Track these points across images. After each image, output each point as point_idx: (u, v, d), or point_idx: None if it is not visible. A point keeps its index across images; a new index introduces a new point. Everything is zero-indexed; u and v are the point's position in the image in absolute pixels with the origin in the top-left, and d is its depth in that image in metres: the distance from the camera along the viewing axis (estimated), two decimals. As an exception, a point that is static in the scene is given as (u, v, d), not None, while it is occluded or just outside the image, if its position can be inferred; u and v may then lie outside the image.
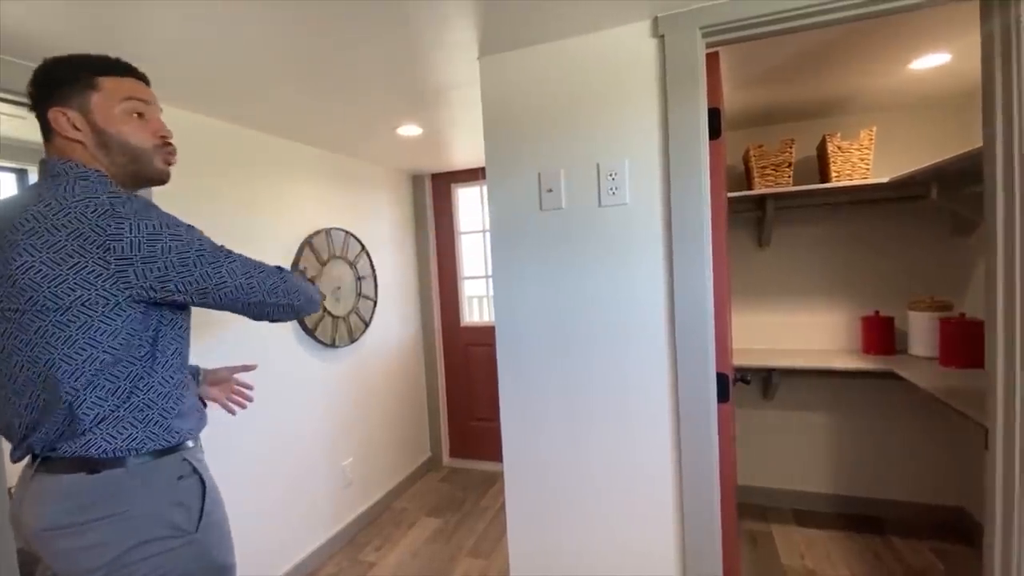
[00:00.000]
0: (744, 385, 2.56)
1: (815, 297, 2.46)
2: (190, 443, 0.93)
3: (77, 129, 0.85)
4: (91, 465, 0.81)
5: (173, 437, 0.89)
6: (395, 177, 3.10)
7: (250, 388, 1.25)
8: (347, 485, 2.53)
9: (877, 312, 2.33)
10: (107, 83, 0.87)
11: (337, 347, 2.47)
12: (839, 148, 2.08)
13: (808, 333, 2.49)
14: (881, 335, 2.28)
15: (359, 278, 2.64)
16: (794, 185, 2.22)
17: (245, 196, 2.02)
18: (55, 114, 0.85)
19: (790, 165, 2.16)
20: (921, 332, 2.19)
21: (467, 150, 2.66)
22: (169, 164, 0.94)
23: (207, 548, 0.90)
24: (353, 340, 2.57)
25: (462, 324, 3.34)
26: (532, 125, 1.39)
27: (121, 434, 0.83)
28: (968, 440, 2.24)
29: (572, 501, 1.42)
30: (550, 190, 1.38)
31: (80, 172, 0.84)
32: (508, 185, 1.43)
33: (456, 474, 3.24)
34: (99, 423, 0.81)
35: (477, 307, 3.40)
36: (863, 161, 2.07)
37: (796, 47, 1.59)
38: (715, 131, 1.31)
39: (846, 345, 2.44)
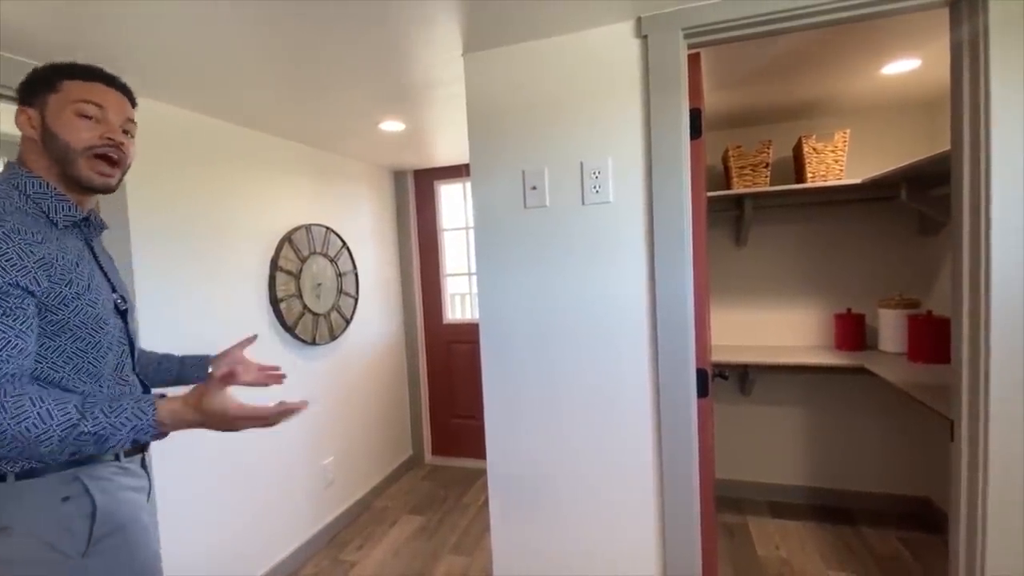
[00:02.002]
0: (722, 381, 2.61)
1: (790, 295, 2.53)
2: (93, 462, 0.88)
3: (32, 127, 0.88)
4: None
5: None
6: (377, 173, 3.07)
7: (276, 368, 1.22)
8: (328, 484, 2.51)
9: (849, 310, 2.40)
10: (68, 85, 0.89)
11: (317, 345, 2.44)
12: (814, 149, 2.14)
13: (783, 330, 2.55)
14: (853, 332, 2.36)
15: (340, 275, 2.60)
16: (771, 185, 2.27)
17: (224, 191, 1.98)
18: (18, 112, 0.89)
19: (767, 166, 2.21)
20: (890, 329, 2.27)
21: (450, 146, 2.65)
22: (102, 174, 0.90)
23: (102, 573, 0.87)
24: (334, 338, 2.54)
25: (444, 321, 3.33)
26: (516, 123, 1.39)
27: None
28: (934, 432, 2.33)
29: (555, 497, 1.44)
30: (534, 188, 1.39)
31: (6, 169, 0.89)
32: (492, 183, 1.43)
33: (438, 472, 3.24)
34: None
35: (459, 304, 3.39)
36: (837, 163, 2.12)
37: (774, 51, 1.63)
38: (696, 131, 1.33)
39: (819, 342, 2.51)
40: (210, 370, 1.19)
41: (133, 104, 0.97)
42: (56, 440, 0.75)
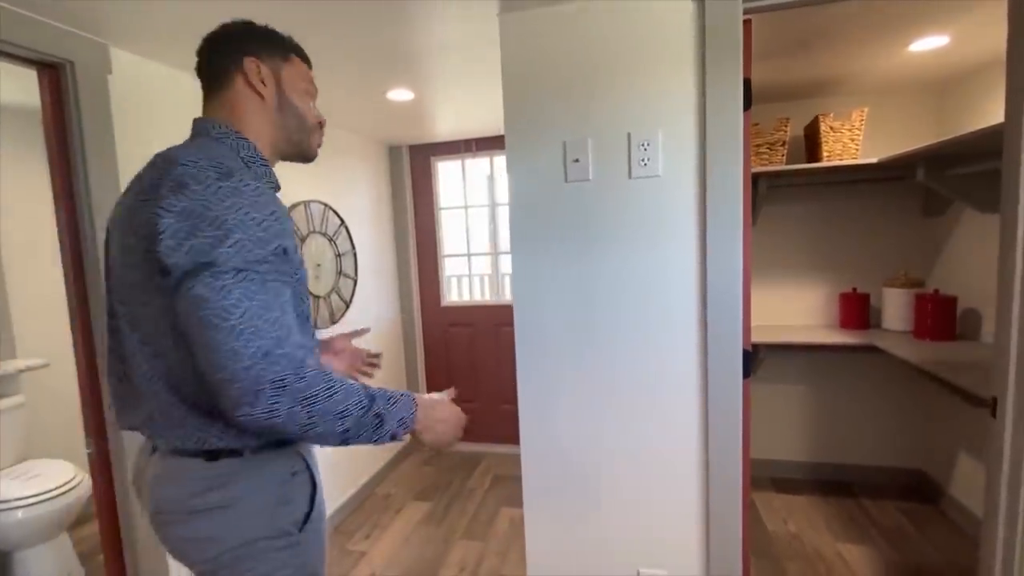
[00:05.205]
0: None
1: (796, 275, 2.54)
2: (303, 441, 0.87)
3: (264, 84, 0.86)
4: (210, 452, 0.77)
5: None
6: (372, 148, 2.92)
7: (378, 356, 1.23)
8: (327, 471, 2.41)
9: (854, 289, 2.44)
10: (297, 63, 0.92)
11: (318, 329, 2.32)
12: (831, 128, 2.12)
13: (788, 309, 2.58)
14: (858, 311, 2.39)
15: (339, 255, 2.47)
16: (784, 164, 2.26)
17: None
18: (252, 62, 0.85)
19: (784, 144, 2.19)
20: (895, 307, 2.31)
21: (456, 119, 2.53)
22: (319, 144, 0.96)
23: (307, 555, 0.85)
24: (335, 322, 2.42)
25: (442, 304, 3.24)
26: (557, 90, 1.31)
27: (226, 432, 0.77)
28: (928, 407, 2.40)
29: (594, 486, 1.39)
30: (576, 161, 1.31)
31: (206, 127, 0.85)
32: (530, 155, 1.35)
33: (438, 456, 3.18)
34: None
35: (456, 286, 3.29)
36: (853, 142, 2.12)
37: (801, 25, 1.59)
38: (747, 102, 1.27)
39: (823, 320, 2.54)
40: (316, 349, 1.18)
41: None
42: (352, 419, 0.73)
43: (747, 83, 1.27)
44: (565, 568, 1.44)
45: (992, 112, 1.97)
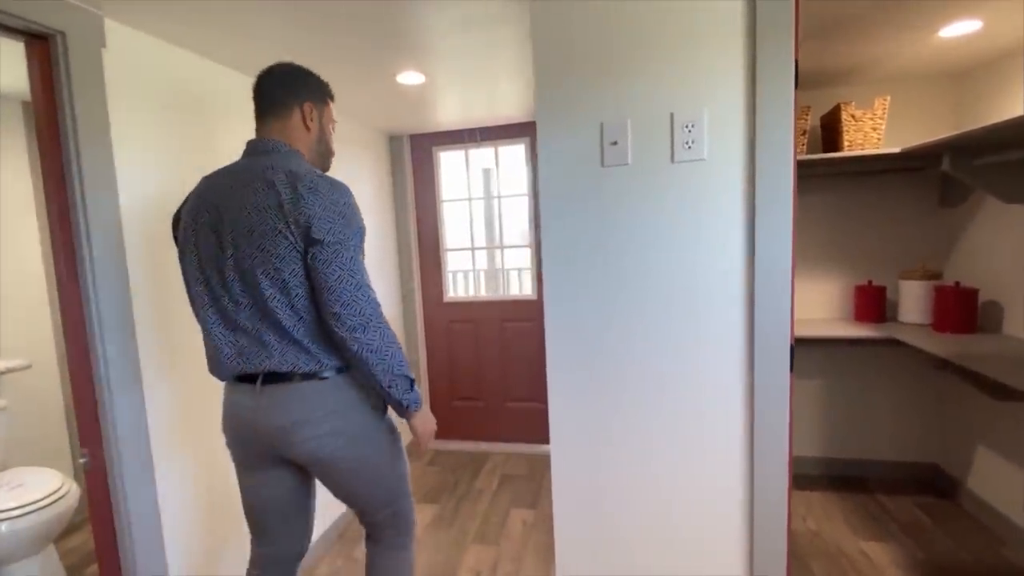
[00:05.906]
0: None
1: (810, 267, 2.50)
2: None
3: (312, 122, 1.19)
4: (320, 376, 1.11)
5: None
6: (372, 136, 2.80)
7: None
8: (335, 476, 2.31)
9: (870, 282, 2.40)
10: (331, 105, 1.26)
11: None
12: (853, 117, 2.07)
13: (803, 302, 2.53)
14: (874, 303, 2.35)
15: (342, 248, 2.36)
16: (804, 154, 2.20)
17: (216, 147, 1.70)
18: (309, 106, 1.18)
19: (804, 133, 2.14)
20: (913, 300, 2.28)
21: (461, 107, 2.43)
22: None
23: (392, 424, 1.25)
24: (338, 317, 2.31)
25: (445, 299, 3.14)
26: (594, 69, 1.22)
27: (333, 357, 1.11)
28: (942, 400, 2.39)
29: (629, 483, 1.32)
30: (615, 143, 1.23)
31: (277, 147, 1.15)
32: (564, 137, 1.26)
33: (442, 457, 3.09)
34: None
35: (453, 282, 3.19)
36: (876, 131, 2.07)
37: (832, 10, 1.53)
38: (795, 82, 1.20)
39: (838, 314, 2.51)
40: None
41: None
42: (404, 369, 1.11)
43: (795, 63, 1.21)
44: (598, 573, 1.37)
45: (1010, 103, 1.94)
